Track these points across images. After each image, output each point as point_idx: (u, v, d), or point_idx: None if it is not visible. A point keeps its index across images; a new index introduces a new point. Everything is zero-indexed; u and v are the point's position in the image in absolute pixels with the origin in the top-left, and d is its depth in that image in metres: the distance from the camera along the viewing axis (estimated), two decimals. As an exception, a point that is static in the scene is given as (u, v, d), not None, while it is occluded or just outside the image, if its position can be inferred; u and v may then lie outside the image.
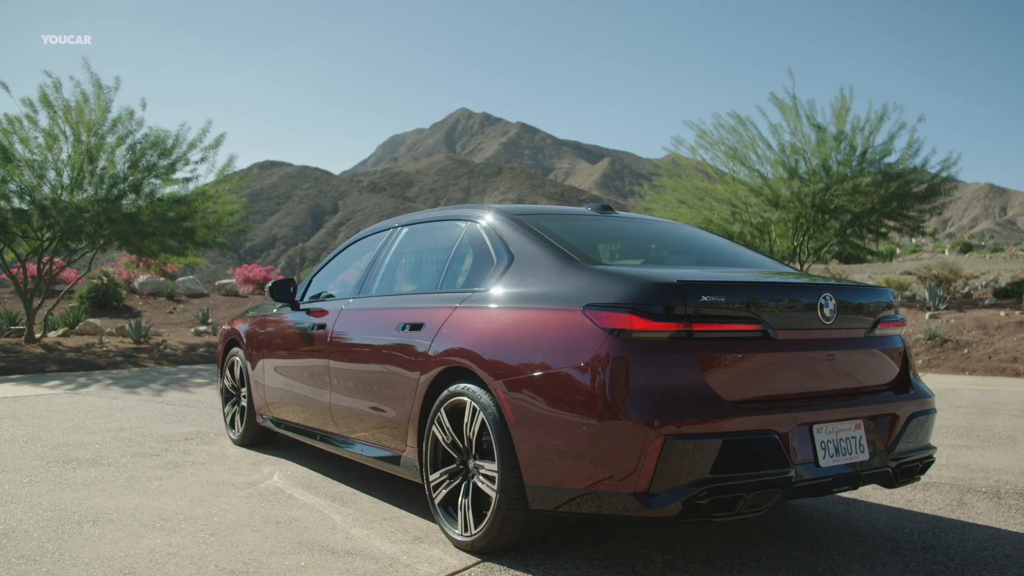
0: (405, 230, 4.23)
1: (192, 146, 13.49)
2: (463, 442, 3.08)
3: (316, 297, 4.68)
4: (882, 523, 3.45)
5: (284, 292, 4.80)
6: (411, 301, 3.73)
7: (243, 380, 5.28)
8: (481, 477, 2.97)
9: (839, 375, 2.94)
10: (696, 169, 17.19)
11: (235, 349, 5.46)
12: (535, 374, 2.76)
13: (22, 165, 12.13)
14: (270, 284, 4.83)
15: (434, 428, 3.21)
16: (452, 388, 3.13)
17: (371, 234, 4.60)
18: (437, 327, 3.31)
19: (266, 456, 4.90)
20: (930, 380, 9.45)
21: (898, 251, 40.57)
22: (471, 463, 3.04)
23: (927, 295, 15.26)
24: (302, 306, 4.69)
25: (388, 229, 4.38)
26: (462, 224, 3.72)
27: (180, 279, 21.21)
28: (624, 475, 2.50)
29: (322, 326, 4.26)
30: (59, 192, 12.63)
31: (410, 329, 3.48)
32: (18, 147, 12.23)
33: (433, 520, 3.33)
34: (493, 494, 2.87)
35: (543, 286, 2.97)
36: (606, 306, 2.66)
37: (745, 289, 2.81)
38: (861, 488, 3.41)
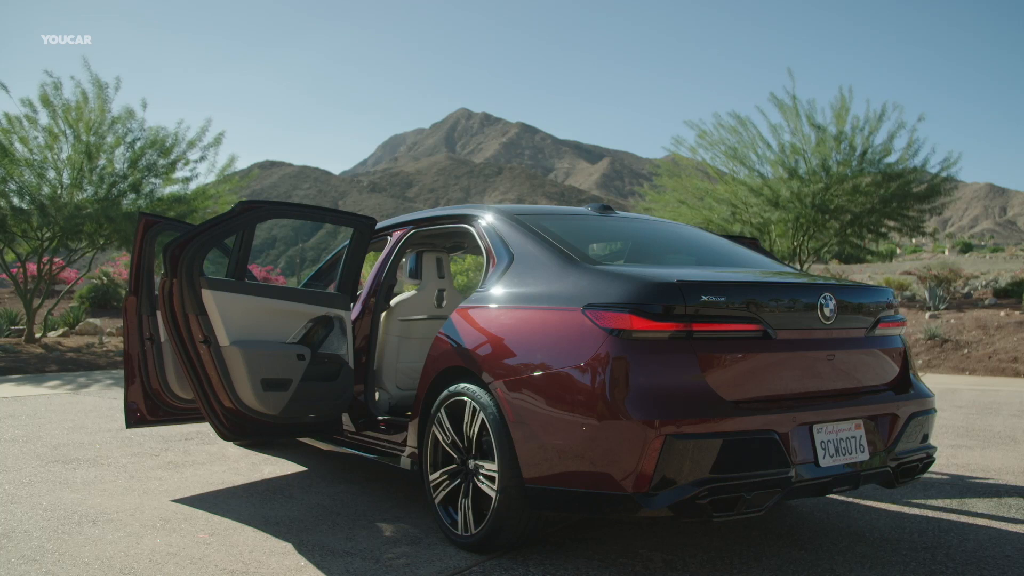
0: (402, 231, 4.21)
1: (191, 144, 13.48)
2: (463, 442, 3.08)
3: None
4: (882, 523, 3.45)
5: None
6: None
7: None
8: (481, 477, 2.97)
9: (839, 375, 2.94)
10: (696, 169, 17.16)
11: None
12: (535, 374, 2.76)
13: (22, 164, 12.13)
14: None
15: (434, 428, 3.21)
16: (452, 388, 3.13)
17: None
18: (436, 327, 3.31)
19: (266, 456, 4.90)
20: (930, 380, 9.44)
21: (898, 251, 40.52)
22: (471, 463, 3.04)
23: (927, 295, 15.25)
24: None
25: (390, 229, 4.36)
26: (463, 225, 3.72)
27: (180, 279, 21.15)
28: (624, 475, 2.50)
29: None
30: (59, 191, 12.63)
31: None
32: (18, 146, 12.23)
33: (433, 520, 3.32)
34: (493, 494, 2.87)
35: (543, 286, 2.97)
36: (606, 306, 2.66)
37: (745, 289, 2.81)
38: (861, 488, 3.41)
